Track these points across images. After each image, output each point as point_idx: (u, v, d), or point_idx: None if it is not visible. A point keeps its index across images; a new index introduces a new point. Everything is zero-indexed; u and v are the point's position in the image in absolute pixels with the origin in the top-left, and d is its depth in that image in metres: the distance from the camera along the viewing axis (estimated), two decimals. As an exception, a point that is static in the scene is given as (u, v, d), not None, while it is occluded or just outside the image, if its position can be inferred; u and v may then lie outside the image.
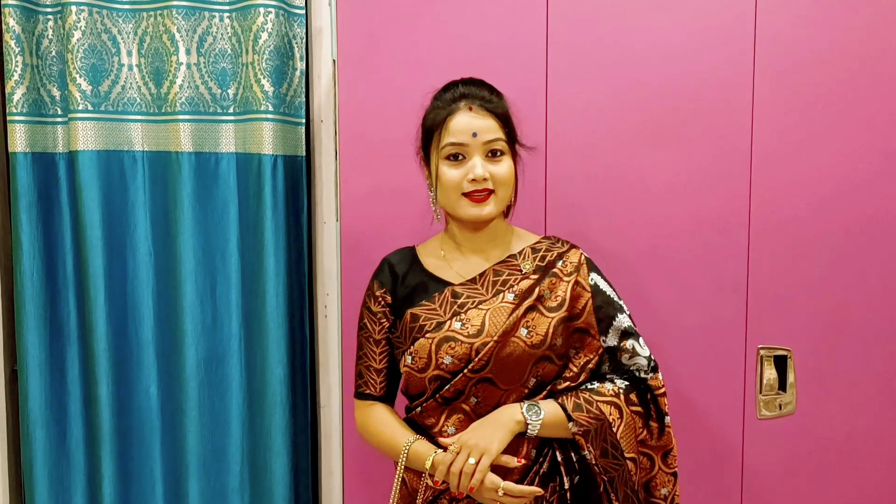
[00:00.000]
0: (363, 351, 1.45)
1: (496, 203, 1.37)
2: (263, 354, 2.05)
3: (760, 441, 1.80)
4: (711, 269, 1.78)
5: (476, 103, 1.36)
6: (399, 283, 1.43)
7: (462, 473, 1.27)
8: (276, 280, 2.02)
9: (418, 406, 1.40)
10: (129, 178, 2.02)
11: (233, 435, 2.08)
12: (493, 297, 1.37)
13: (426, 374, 1.35)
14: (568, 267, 1.41)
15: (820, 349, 1.79)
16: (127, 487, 2.09)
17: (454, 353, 1.33)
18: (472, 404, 1.35)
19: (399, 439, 1.37)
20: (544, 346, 1.34)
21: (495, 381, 1.34)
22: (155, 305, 2.05)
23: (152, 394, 2.08)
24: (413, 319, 1.38)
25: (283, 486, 2.07)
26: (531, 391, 1.37)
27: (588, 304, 1.39)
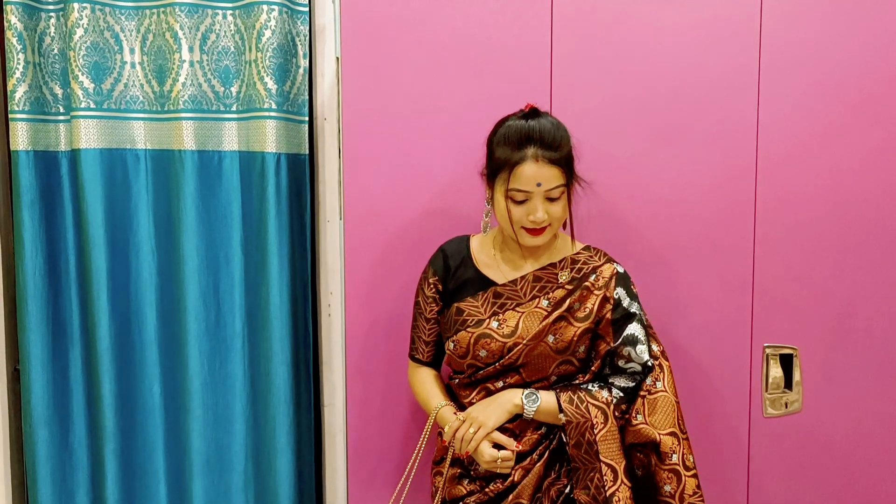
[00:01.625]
0: (417, 322, 1.66)
1: (550, 233, 1.53)
2: (267, 353, 2.05)
3: (766, 439, 1.80)
4: (718, 267, 1.78)
5: (541, 154, 1.45)
6: (451, 274, 1.60)
7: (462, 439, 1.51)
8: (280, 279, 2.02)
9: (456, 379, 1.62)
10: (131, 177, 2.01)
11: (236, 433, 2.08)
12: (530, 301, 1.54)
13: (465, 360, 1.56)
14: (599, 281, 1.55)
15: (826, 348, 1.79)
16: (130, 486, 2.08)
17: (489, 348, 1.53)
18: (498, 386, 1.56)
19: (432, 401, 1.60)
20: (568, 352, 1.53)
21: (522, 373, 1.54)
22: (158, 304, 2.05)
23: (155, 392, 2.07)
24: (458, 313, 1.57)
25: (287, 485, 2.07)
26: (551, 385, 1.56)
27: (608, 315, 1.54)
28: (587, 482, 1.49)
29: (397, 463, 1.91)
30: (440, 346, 1.66)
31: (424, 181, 1.83)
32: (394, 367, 1.88)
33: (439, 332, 1.64)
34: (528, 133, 1.46)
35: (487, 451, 1.50)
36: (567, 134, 1.50)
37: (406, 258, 1.84)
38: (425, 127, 1.82)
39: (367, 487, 1.92)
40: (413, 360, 1.68)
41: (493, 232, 1.64)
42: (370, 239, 1.85)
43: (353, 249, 1.86)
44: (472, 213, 1.77)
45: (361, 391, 1.89)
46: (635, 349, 1.52)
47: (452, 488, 1.60)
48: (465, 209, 1.79)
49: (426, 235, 1.79)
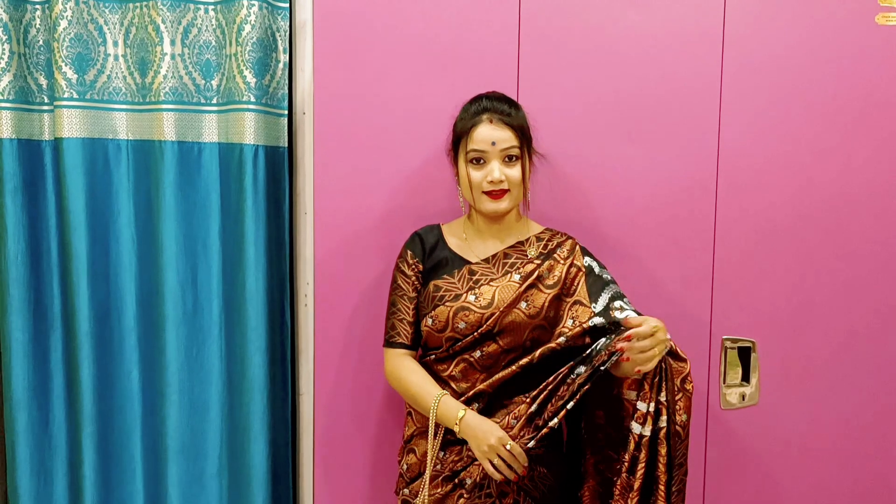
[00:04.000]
0: (397, 307, 1.71)
1: (510, 200, 1.64)
2: (243, 341, 2.08)
3: (723, 431, 1.85)
4: (678, 261, 1.83)
5: (496, 117, 1.62)
6: (427, 255, 1.70)
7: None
8: (256, 268, 2.06)
9: (432, 355, 1.69)
10: (113, 166, 2.06)
11: (212, 420, 2.11)
12: (503, 276, 1.65)
13: (443, 334, 1.64)
14: (564, 252, 1.68)
15: (784, 341, 1.84)
16: (107, 470, 2.12)
17: (467, 320, 1.62)
18: (476, 356, 1.64)
19: (430, 389, 1.63)
20: (539, 317, 1.62)
21: (498, 340, 1.63)
22: (137, 291, 2.09)
23: (133, 378, 2.11)
24: (436, 290, 1.66)
25: (260, 472, 2.09)
26: (526, 349, 1.63)
27: (582, 281, 1.65)
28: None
29: (365, 452, 1.95)
30: (418, 328, 1.70)
31: (395, 176, 1.88)
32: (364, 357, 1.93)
33: (418, 312, 1.70)
34: (483, 103, 1.64)
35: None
36: (522, 109, 1.66)
37: (376, 252, 1.89)
38: (397, 123, 1.87)
39: (334, 477, 1.96)
40: (392, 346, 1.70)
41: (461, 220, 1.75)
42: (341, 231, 1.90)
43: (323, 241, 1.91)
44: (441, 207, 1.82)
45: (331, 381, 1.94)
46: (624, 301, 1.61)
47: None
48: (435, 203, 1.85)
49: (396, 229, 1.84)
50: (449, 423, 1.59)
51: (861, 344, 1.85)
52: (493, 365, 1.63)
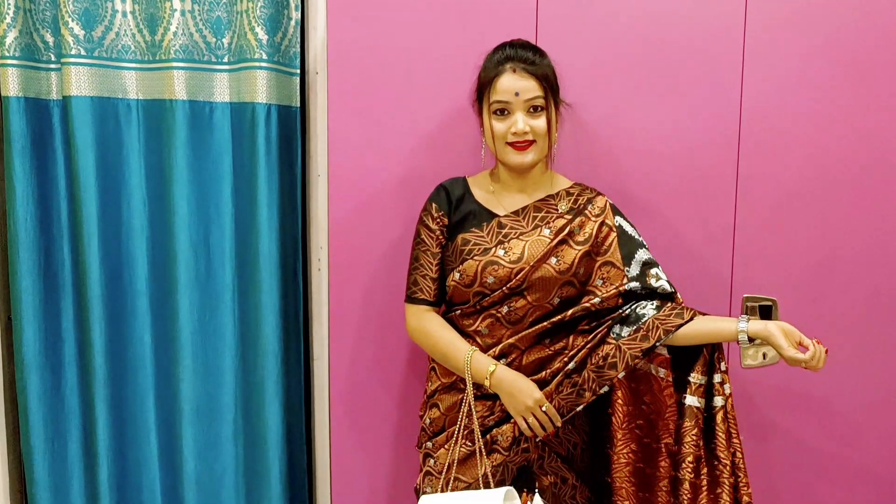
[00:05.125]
0: (420, 262, 1.66)
1: (536, 152, 1.60)
2: (256, 305, 2.07)
3: (744, 390, 1.84)
4: (699, 217, 1.80)
5: (520, 66, 1.57)
6: (453, 208, 1.66)
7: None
8: (269, 231, 2.04)
9: (458, 310, 1.65)
10: (123, 126, 2.03)
11: (226, 384, 2.11)
12: (533, 231, 1.62)
13: (471, 289, 1.61)
14: (595, 210, 1.65)
15: (806, 300, 1.82)
16: (121, 433, 2.11)
17: (496, 274, 1.59)
18: (503, 312, 1.61)
19: (459, 345, 1.62)
20: (569, 273, 1.60)
21: (527, 296, 1.60)
22: (149, 254, 2.07)
23: (146, 342, 2.10)
24: (464, 243, 1.62)
25: (275, 435, 2.10)
26: (555, 308, 1.62)
27: (614, 241, 1.63)
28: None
29: (381, 412, 1.94)
30: (442, 284, 1.67)
31: (413, 136, 1.85)
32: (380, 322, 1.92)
33: (442, 268, 1.66)
34: (507, 52, 1.59)
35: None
36: (547, 57, 1.60)
37: (393, 215, 1.86)
38: (414, 80, 1.83)
39: (350, 440, 1.95)
40: (415, 302, 1.66)
41: (486, 172, 1.71)
42: (355, 194, 1.87)
43: (337, 204, 1.88)
44: (462, 168, 1.78)
45: (346, 344, 1.92)
46: (659, 269, 1.62)
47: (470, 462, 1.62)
48: (456, 163, 1.81)
49: (414, 192, 1.81)
50: (479, 378, 1.59)
51: (884, 303, 1.83)
52: (520, 321, 1.61)
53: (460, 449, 1.62)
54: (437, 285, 1.66)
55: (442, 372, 1.68)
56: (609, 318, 1.60)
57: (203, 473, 2.12)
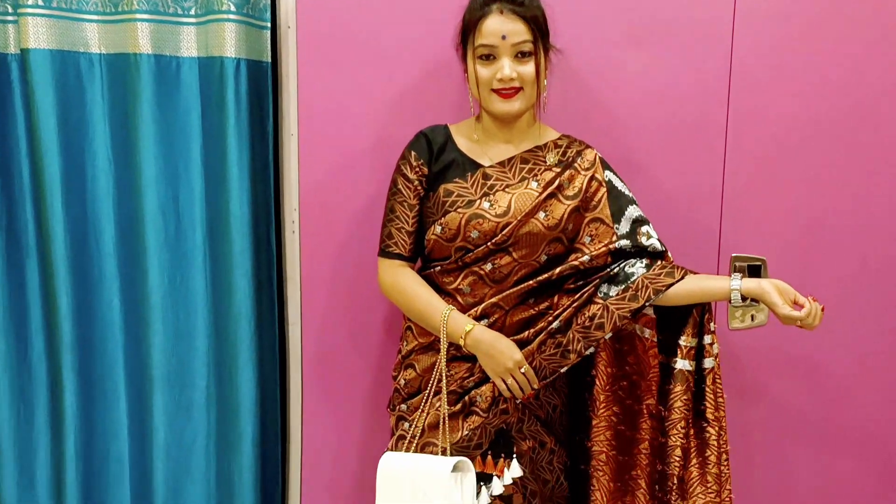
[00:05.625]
0: (395, 214, 1.57)
1: (523, 100, 1.51)
2: (228, 268, 2.01)
3: (730, 353, 1.77)
4: (686, 174, 1.74)
5: (507, 7, 1.47)
6: (434, 157, 1.56)
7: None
8: (240, 192, 1.97)
9: (438, 266, 1.57)
10: (85, 81, 1.95)
11: (198, 349, 2.05)
12: (520, 183, 1.53)
13: (453, 243, 1.53)
14: (585, 163, 1.56)
15: (796, 259, 1.76)
16: (90, 400, 2.06)
17: (481, 228, 1.50)
18: (486, 269, 1.53)
19: (436, 304, 1.53)
20: (558, 229, 1.52)
21: (512, 252, 1.52)
22: (116, 215, 2.00)
23: (115, 306, 2.04)
24: (446, 194, 1.53)
25: (248, 402, 2.04)
26: (542, 266, 1.54)
27: (603, 197, 1.55)
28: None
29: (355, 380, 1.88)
30: (419, 239, 1.59)
31: (388, 93, 1.78)
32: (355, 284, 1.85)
33: (420, 221, 1.58)
34: None
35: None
36: None
37: (367, 175, 1.79)
38: (389, 35, 1.77)
39: (322, 405, 1.90)
40: (388, 256, 1.58)
41: (469, 121, 1.62)
42: (327, 154, 1.80)
43: (309, 165, 1.81)
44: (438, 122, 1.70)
45: (320, 309, 1.86)
46: (650, 227, 1.55)
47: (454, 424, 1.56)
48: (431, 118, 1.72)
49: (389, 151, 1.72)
50: (455, 338, 1.52)
51: (877, 262, 1.76)
52: (504, 279, 1.54)
53: (435, 412, 1.55)
54: (413, 240, 1.58)
55: (419, 332, 1.60)
56: (597, 277, 1.53)
57: (173, 442, 2.07)
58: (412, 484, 1.46)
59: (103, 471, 2.10)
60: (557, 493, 1.64)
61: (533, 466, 1.60)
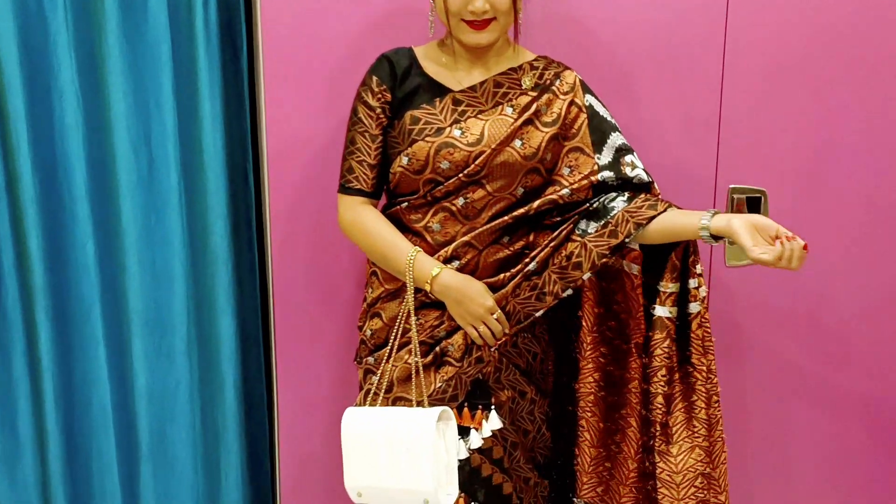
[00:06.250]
0: (356, 145, 1.45)
1: (496, 30, 1.39)
2: (203, 209, 1.95)
3: (727, 291, 1.70)
4: (681, 101, 1.64)
5: None
6: (398, 82, 1.44)
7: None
8: (213, 127, 1.90)
9: (405, 202, 1.45)
10: (48, 12, 1.84)
11: (176, 293, 2.00)
12: (493, 109, 1.43)
13: (421, 176, 1.41)
14: (564, 87, 1.45)
15: (797, 191, 1.66)
16: (67, 347, 2.01)
17: (452, 158, 1.39)
18: (459, 205, 1.42)
19: (401, 245, 1.42)
20: (535, 159, 1.42)
21: (486, 185, 1.41)
22: (86, 154, 1.91)
23: (89, 250, 1.97)
24: (413, 122, 1.41)
25: (229, 346, 2.00)
26: (518, 200, 1.44)
27: (584, 124, 1.44)
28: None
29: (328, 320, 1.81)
30: (383, 173, 1.49)
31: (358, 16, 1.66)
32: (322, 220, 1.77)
33: (384, 153, 1.47)
34: None
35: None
36: None
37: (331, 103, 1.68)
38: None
39: (298, 350, 1.84)
40: (349, 192, 1.47)
41: (435, 43, 1.51)
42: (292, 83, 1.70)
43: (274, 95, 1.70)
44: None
45: (288, 249, 1.80)
46: (634, 156, 1.44)
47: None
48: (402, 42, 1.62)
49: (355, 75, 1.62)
50: (421, 282, 1.42)
51: (883, 193, 1.66)
52: (478, 215, 1.44)
53: (404, 365, 1.46)
54: (377, 174, 1.47)
55: (385, 277, 1.50)
56: (576, 213, 1.44)
57: (156, 387, 2.03)
58: (389, 440, 1.36)
59: (86, 418, 2.06)
60: (539, 444, 1.57)
61: (513, 417, 1.52)
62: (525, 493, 1.55)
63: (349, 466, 1.40)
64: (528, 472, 1.55)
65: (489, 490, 1.49)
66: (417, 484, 1.33)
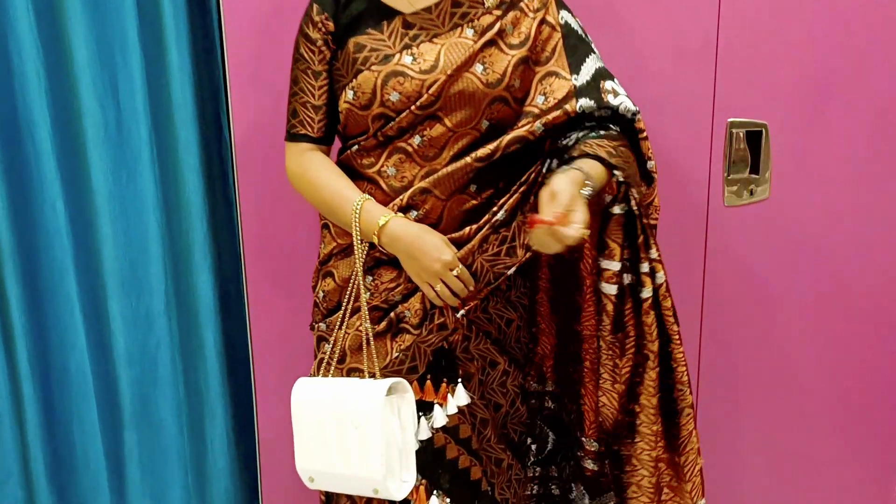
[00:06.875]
0: (299, 86, 1.31)
1: None
2: (175, 163, 1.86)
3: (726, 234, 1.61)
4: (674, 26, 1.52)
5: None
6: (341, 8, 1.29)
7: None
8: (181, 74, 1.80)
9: (355, 144, 1.31)
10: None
11: (152, 253, 1.92)
12: (451, 31, 1.26)
13: (369, 111, 1.26)
14: (535, 3, 1.28)
15: (801, 124, 1.57)
16: (40, 310, 1.94)
17: (402, 89, 1.23)
18: (415, 144, 1.27)
19: (346, 193, 1.28)
20: (501, 86, 1.25)
21: (444, 119, 1.25)
22: (49, 107, 1.82)
23: (59, 209, 1.89)
24: (357, 49, 1.26)
25: (208, 306, 1.93)
26: (483, 135, 1.27)
27: (558, 44, 1.27)
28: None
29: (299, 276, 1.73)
30: (333, 117, 1.34)
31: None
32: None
33: (332, 93, 1.32)
34: None
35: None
36: None
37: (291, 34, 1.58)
38: None
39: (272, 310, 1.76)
40: (294, 139, 1.33)
41: None
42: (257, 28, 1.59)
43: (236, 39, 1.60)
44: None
45: (254, 198, 1.71)
46: (615, 82, 1.28)
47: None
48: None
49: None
50: (368, 234, 1.26)
51: (892, 125, 1.56)
52: (437, 155, 1.27)
53: (356, 332, 1.31)
54: (325, 116, 1.32)
55: (337, 231, 1.35)
56: (549, 152, 1.29)
57: (135, 351, 1.97)
58: (337, 414, 1.21)
59: (64, 384, 2.00)
60: (513, 420, 1.42)
61: (483, 390, 1.36)
62: (497, 476, 1.40)
63: (300, 446, 1.26)
64: (499, 452, 1.40)
65: (454, 475, 1.34)
66: (365, 469, 1.19)
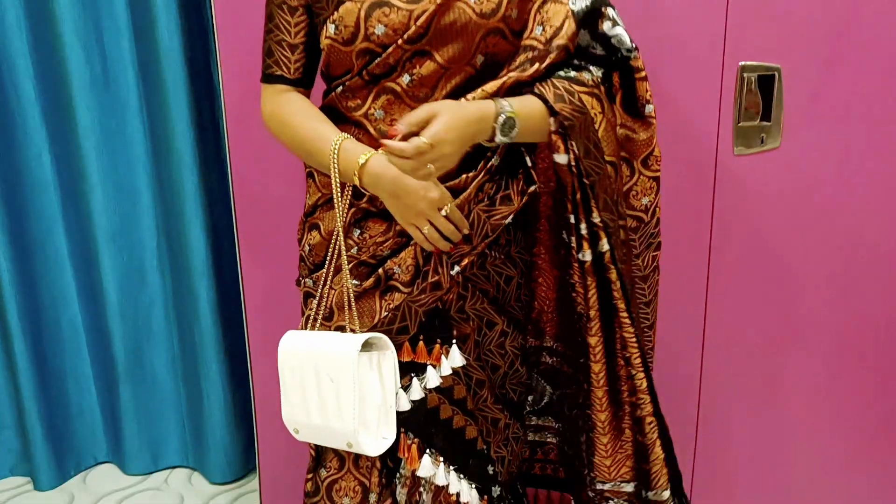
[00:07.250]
0: (274, 22, 1.18)
1: None
2: (164, 110, 1.79)
3: (735, 183, 1.54)
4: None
5: None
6: None
7: (413, 170, 1.08)
8: (168, 20, 1.72)
9: (340, 85, 1.17)
10: None
11: (143, 206, 1.89)
12: None
13: (352, 47, 1.12)
14: None
15: (815, 68, 1.48)
16: (30, 266, 1.91)
17: (388, 21, 1.10)
18: (404, 83, 1.14)
19: (325, 134, 1.14)
20: (496, 16, 1.12)
21: (435, 55, 1.12)
22: (31, 53, 1.77)
23: (45, 161, 1.85)
24: None
25: (200, 260, 1.88)
26: (479, 71, 1.15)
27: None
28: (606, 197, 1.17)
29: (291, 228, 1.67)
30: (312, 57, 1.21)
31: None
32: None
33: (311, 30, 1.18)
34: None
35: (442, 194, 1.12)
36: None
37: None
38: None
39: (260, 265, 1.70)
40: (270, 81, 1.20)
41: None
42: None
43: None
44: None
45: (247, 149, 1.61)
46: (614, 11, 1.16)
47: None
48: None
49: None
50: (348, 175, 1.12)
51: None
52: (429, 95, 1.14)
53: (341, 290, 1.19)
54: (302, 55, 1.19)
55: (322, 180, 1.23)
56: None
57: (128, 305, 1.93)
58: (315, 367, 1.16)
59: (56, 339, 1.98)
60: (512, 380, 1.34)
61: (479, 352, 1.27)
62: (494, 435, 1.33)
63: (284, 398, 1.21)
64: (496, 412, 1.32)
65: (448, 435, 1.26)
66: (339, 422, 1.14)
